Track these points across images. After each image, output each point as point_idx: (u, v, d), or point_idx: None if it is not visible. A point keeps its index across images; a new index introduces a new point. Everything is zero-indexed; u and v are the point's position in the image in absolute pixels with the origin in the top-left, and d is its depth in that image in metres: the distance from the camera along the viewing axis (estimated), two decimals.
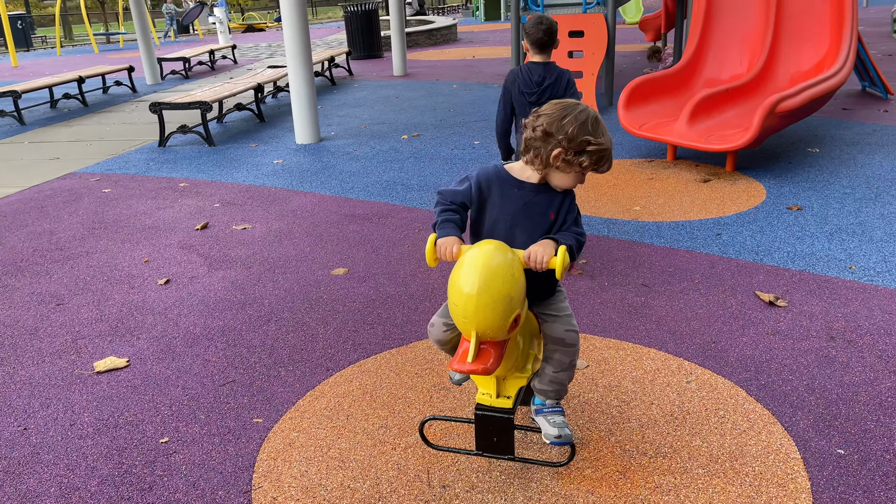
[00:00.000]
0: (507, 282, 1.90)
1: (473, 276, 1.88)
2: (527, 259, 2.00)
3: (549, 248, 1.99)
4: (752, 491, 2.23)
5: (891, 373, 2.81)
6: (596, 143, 2.01)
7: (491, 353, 1.97)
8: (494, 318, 1.89)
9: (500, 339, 1.98)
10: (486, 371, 1.95)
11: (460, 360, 1.97)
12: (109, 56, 20.57)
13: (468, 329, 1.93)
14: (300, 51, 7.23)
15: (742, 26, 6.91)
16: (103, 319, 3.65)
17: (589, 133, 2.00)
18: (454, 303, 1.93)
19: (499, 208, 2.14)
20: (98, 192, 6.07)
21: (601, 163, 2.05)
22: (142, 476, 2.44)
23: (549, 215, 2.12)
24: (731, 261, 3.98)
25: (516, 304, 1.92)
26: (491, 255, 1.93)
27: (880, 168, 5.52)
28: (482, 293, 1.87)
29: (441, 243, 2.06)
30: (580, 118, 2.00)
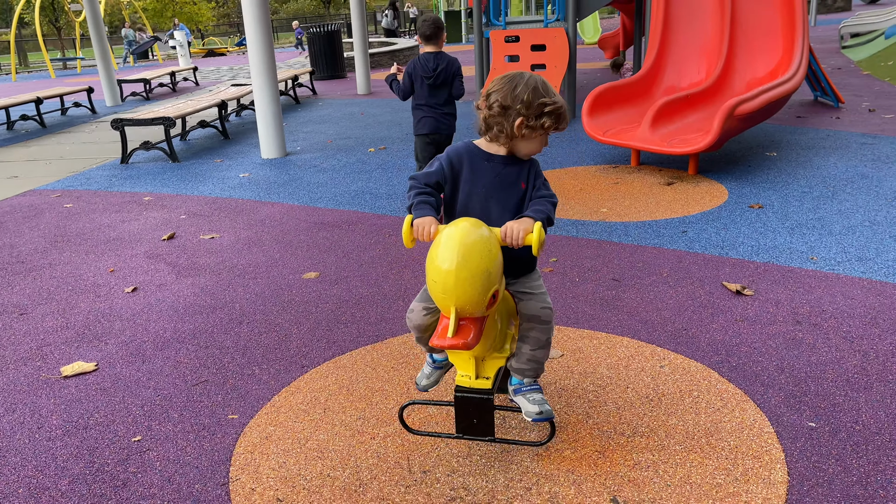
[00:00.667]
0: (485, 257, 1.92)
1: (451, 253, 1.90)
2: (503, 235, 2.02)
3: (525, 224, 2.02)
4: (728, 464, 2.26)
5: (856, 352, 2.89)
6: (552, 102, 2.08)
7: (471, 329, 1.98)
8: (473, 293, 1.91)
9: (479, 315, 1.99)
10: (467, 346, 1.95)
11: (440, 335, 1.98)
12: (67, 80, 20.27)
13: (447, 305, 1.94)
14: (264, 64, 7.23)
15: (699, 37, 7.11)
16: (69, 327, 3.57)
17: (542, 95, 2.07)
18: (433, 280, 1.94)
19: (471, 183, 2.18)
20: (59, 208, 5.95)
21: (560, 121, 2.12)
22: (115, 473, 2.38)
23: (520, 185, 2.17)
24: (697, 255, 4.06)
25: (494, 279, 1.94)
26: (468, 231, 1.95)
27: (835, 169, 5.70)
28: (461, 268, 1.88)
29: (418, 223, 2.07)
30: (530, 84, 2.08)
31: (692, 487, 2.16)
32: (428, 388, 2.49)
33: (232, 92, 10.06)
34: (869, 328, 3.08)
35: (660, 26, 7.14)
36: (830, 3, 28.60)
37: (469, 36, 28.13)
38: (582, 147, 7.17)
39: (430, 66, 4.88)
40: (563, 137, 7.73)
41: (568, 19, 8.58)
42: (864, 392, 2.61)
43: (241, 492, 2.26)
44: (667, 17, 7.18)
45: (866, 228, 4.31)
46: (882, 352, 2.88)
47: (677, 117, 6.14)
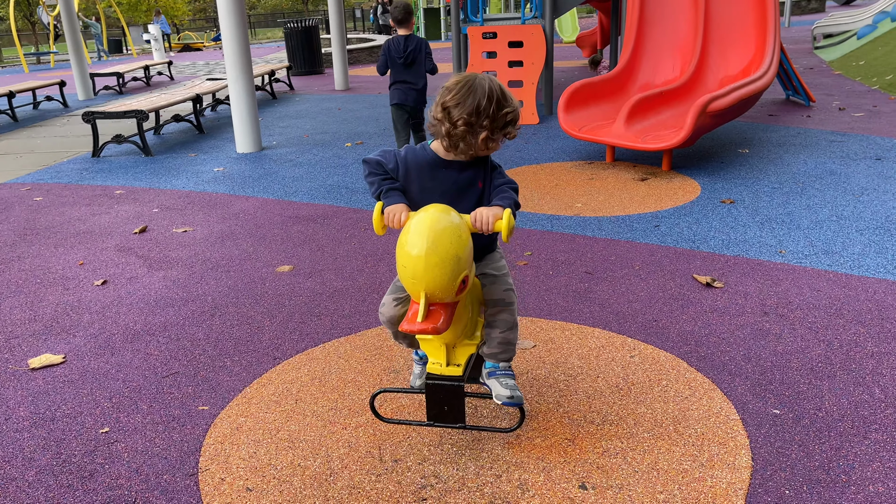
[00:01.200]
0: (455, 242, 1.93)
1: (421, 238, 1.91)
2: (473, 221, 2.03)
3: (494, 210, 2.03)
4: (694, 450, 2.30)
5: (820, 342, 2.95)
6: (512, 109, 2.08)
7: (440, 314, 1.99)
8: (443, 278, 1.92)
9: (449, 300, 2.00)
10: (436, 330, 1.96)
11: (410, 320, 1.99)
12: (40, 75, 19.95)
13: (417, 290, 1.95)
14: (240, 58, 7.17)
15: (673, 35, 7.19)
16: (37, 319, 3.52)
17: (504, 105, 2.06)
18: (403, 265, 1.95)
19: (430, 189, 2.18)
20: (29, 201, 5.86)
21: (517, 122, 2.12)
22: (82, 465, 2.35)
23: (477, 185, 2.19)
24: (669, 249, 4.11)
25: (464, 264, 1.95)
26: (438, 217, 1.96)
27: (805, 165, 5.79)
28: (430, 253, 1.89)
29: (389, 210, 2.08)
30: (492, 95, 2.03)
31: (659, 473, 2.19)
32: (422, 386, 2.47)
33: (207, 86, 9.97)
34: (834, 319, 3.14)
35: (635, 24, 7.20)
36: (804, 5, 29.00)
37: (448, 33, 28.13)
38: (558, 143, 7.21)
39: (401, 48, 5.74)
40: (539, 133, 7.77)
41: (545, 16, 8.62)
42: (827, 380, 2.66)
43: (210, 482, 2.25)
44: (642, 15, 7.25)
45: (833, 223, 4.38)
46: (846, 342, 2.94)
47: (651, 114, 6.20)
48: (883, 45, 11.85)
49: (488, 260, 2.26)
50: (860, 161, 5.81)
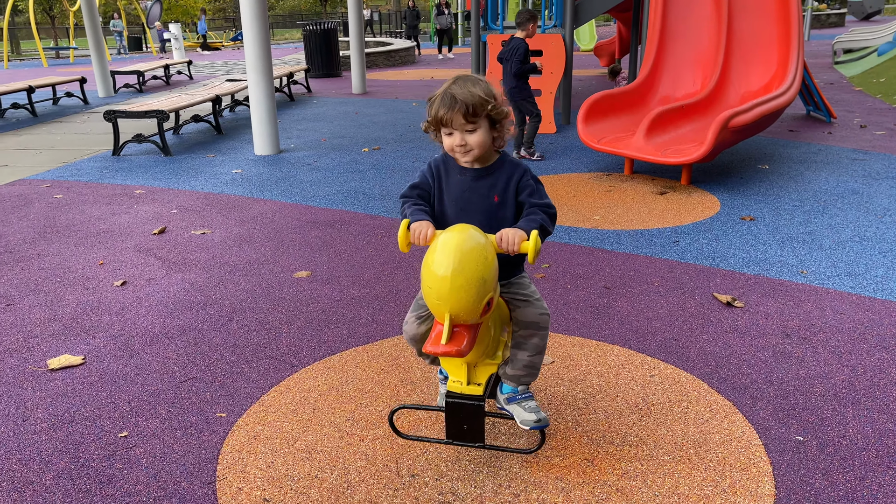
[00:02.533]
0: (481, 264, 1.91)
1: (447, 259, 1.89)
2: (499, 242, 2.01)
3: (521, 232, 2.01)
4: (716, 475, 2.27)
5: (844, 367, 2.91)
6: (432, 99, 2.10)
7: (464, 336, 1.97)
8: (468, 300, 1.90)
9: (473, 322, 1.99)
10: (460, 353, 1.95)
11: (434, 342, 1.97)
12: (59, 70, 20.13)
13: (441, 311, 1.93)
14: (261, 61, 7.20)
15: (695, 48, 7.15)
16: (56, 319, 3.54)
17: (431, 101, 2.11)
18: (428, 285, 1.93)
19: (446, 196, 2.19)
20: (49, 198, 5.90)
21: (441, 106, 2.09)
22: (100, 469, 2.36)
23: (492, 198, 2.15)
24: (688, 265, 4.08)
25: (489, 286, 1.93)
26: (465, 238, 1.94)
27: (826, 183, 5.75)
28: (456, 275, 1.87)
29: (415, 227, 2.06)
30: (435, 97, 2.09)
31: (680, 498, 2.17)
32: (441, 408, 2.46)
33: (226, 87, 10.02)
34: (857, 343, 3.10)
35: (657, 36, 7.17)
36: (824, 19, 28.85)
37: (466, 39, 28.16)
38: (576, 153, 7.19)
39: (504, 47, 6.79)
40: (556, 143, 7.75)
41: (565, 26, 8.61)
42: (851, 407, 2.62)
43: (227, 491, 2.25)
44: (664, 26, 7.22)
45: (856, 244, 4.34)
46: (870, 367, 2.90)
47: (672, 127, 6.17)
48: None
49: (517, 284, 2.23)
50: (882, 181, 5.75)
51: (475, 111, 2.02)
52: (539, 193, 2.15)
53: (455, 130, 2.06)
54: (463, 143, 2.06)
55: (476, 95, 2.02)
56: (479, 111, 2.02)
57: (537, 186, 2.16)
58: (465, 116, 2.02)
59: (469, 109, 2.01)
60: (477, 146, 2.07)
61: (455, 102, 2.01)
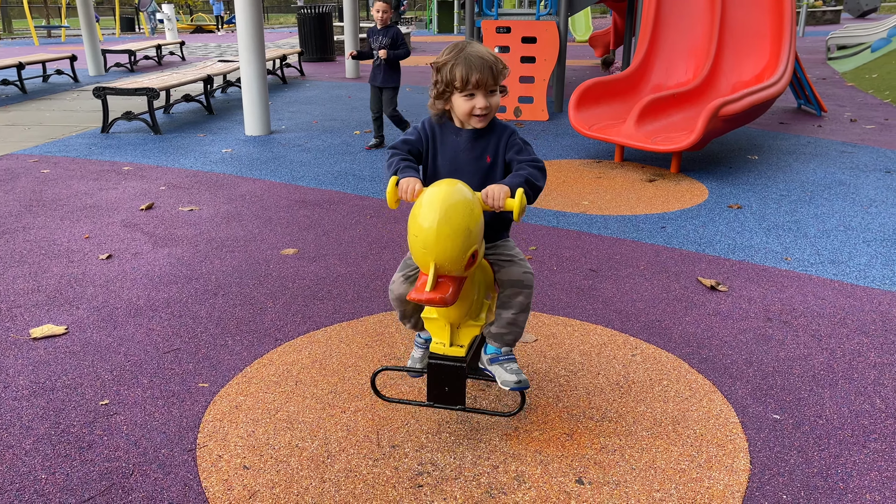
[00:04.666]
0: (467, 215, 1.93)
1: (434, 209, 1.91)
2: (485, 198, 2.03)
3: (506, 188, 2.03)
4: (693, 451, 2.29)
5: (823, 349, 2.94)
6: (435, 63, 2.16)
7: (449, 286, 1.99)
8: (453, 250, 1.91)
9: (458, 273, 2.00)
10: (444, 301, 1.95)
11: (418, 289, 1.98)
12: (51, 48, 19.94)
13: (427, 260, 1.95)
14: (253, 41, 7.16)
15: (688, 38, 7.16)
16: (40, 290, 3.53)
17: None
18: (414, 234, 1.95)
19: (440, 154, 2.23)
20: (36, 172, 5.86)
21: (455, 68, 2.12)
22: (80, 435, 2.36)
23: (485, 159, 2.19)
24: (674, 250, 4.10)
25: (474, 238, 1.95)
26: (451, 190, 1.96)
27: (814, 175, 5.78)
28: (442, 224, 1.89)
29: (403, 183, 2.07)
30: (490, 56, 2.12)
31: (656, 472, 2.19)
32: (423, 371, 2.47)
33: (219, 67, 9.96)
34: (837, 328, 3.13)
35: (650, 25, 7.17)
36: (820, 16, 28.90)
37: (461, 26, 28.06)
38: (566, 140, 7.19)
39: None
40: (548, 130, 7.75)
41: (560, 14, 8.59)
42: (829, 388, 2.65)
43: (207, 458, 2.25)
44: (658, 16, 7.22)
45: (840, 233, 4.37)
46: (849, 351, 2.93)
47: (663, 115, 6.18)
48: None
49: (502, 246, 2.26)
50: (870, 173, 5.79)
51: (496, 73, 2.08)
52: (526, 151, 2.19)
53: (478, 93, 2.08)
54: (486, 106, 2.10)
55: (497, 59, 2.09)
56: (498, 74, 2.09)
57: (524, 145, 2.20)
58: (494, 78, 2.07)
59: (494, 72, 2.07)
60: (494, 109, 2.13)
61: (485, 65, 2.05)
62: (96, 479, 2.15)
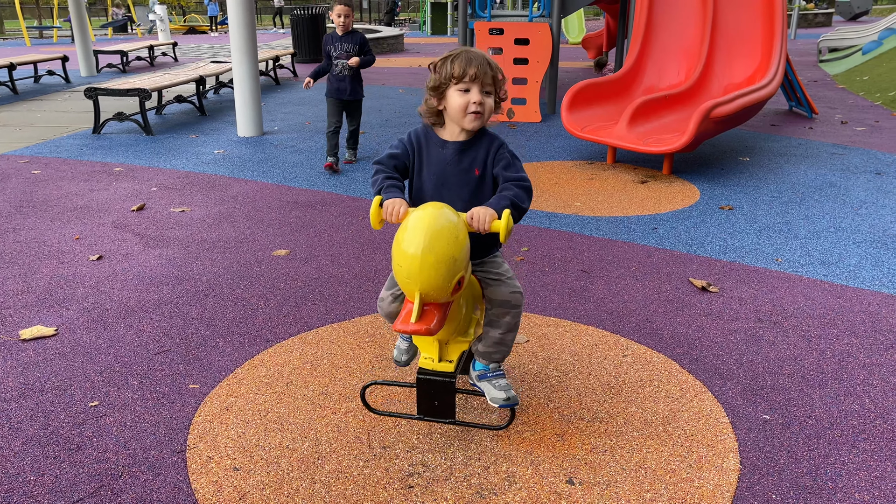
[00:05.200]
0: (452, 243, 1.89)
1: (418, 237, 1.87)
2: (470, 220, 2.00)
3: (492, 210, 2.00)
4: (683, 451, 2.30)
5: (813, 350, 2.95)
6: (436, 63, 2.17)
7: (434, 314, 1.96)
8: (438, 279, 1.88)
9: (444, 300, 1.98)
10: (429, 331, 1.93)
11: (403, 320, 1.95)
12: (42, 49, 19.85)
13: (412, 289, 1.92)
14: (245, 42, 7.14)
15: (680, 40, 7.18)
16: (30, 291, 3.51)
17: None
18: (398, 263, 1.91)
19: (426, 168, 2.19)
20: (27, 173, 5.83)
21: (455, 63, 2.13)
22: (69, 437, 2.34)
23: (473, 171, 2.16)
24: (666, 252, 4.11)
25: (460, 265, 1.92)
26: (436, 216, 1.92)
27: (805, 176, 5.80)
28: (426, 253, 1.85)
29: (388, 205, 2.04)
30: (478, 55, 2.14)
31: (647, 472, 2.19)
32: (409, 362, 2.48)
33: (211, 68, 9.93)
34: (827, 328, 3.15)
35: (643, 27, 7.19)
36: (811, 18, 29.04)
37: (454, 28, 28.08)
38: (559, 142, 7.20)
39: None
40: (541, 131, 7.76)
41: (553, 15, 8.60)
42: (818, 389, 2.66)
43: (197, 459, 2.25)
44: (650, 18, 7.24)
45: (831, 234, 4.39)
46: (838, 351, 2.94)
47: (654, 117, 6.20)
48: (887, 62, 11.87)
49: (490, 263, 2.23)
50: (860, 175, 5.82)
51: (494, 74, 2.10)
52: (514, 167, 2.14)
53: (474, 87, 2.07)
54: (481, 101, 2.08)
55: (495, 63, 2.11)
56: (496, 76, 2.11)
57: (513, 160, 2.16)
58: (491, 76, 2.08)
59: (492, 69, 2.09)
60: (488, 111, 2.12)
61: (485, 62, 2.08)
62: (85, 480, 2.14)
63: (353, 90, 6.04)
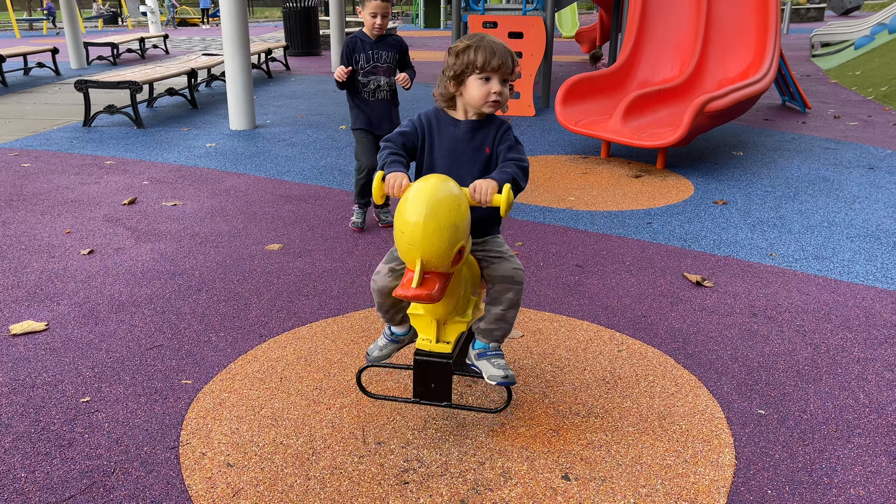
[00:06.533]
0: (453, 211, 1.91)
1: (420, 205, 1.89)
2: (472, 192, 2.02)
3: (493, 183, 2.02)
4: (678, 446, 2.30)
5: (807, 345, 2.96)
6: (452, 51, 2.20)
7: (435, 282, 1.96)
8: (440, 246, 1.90)
9: (444, 270, 1.98)
10: (430, 297, 1.93)
11: (405, 286, 1.96)
12: (32, 41, 19.68)
13: (413, 256, 1.93)
14: (237, 35, 7.09)
15: (674, 34, 7.17)
16: (20, 286, 3.47)
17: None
18: (400, 230, 1.93)
19: (438, 146, 2.22)
20: (16, 167, 5.77)
21: (475, 54, 2.16)
22: (60, 433, 2.32)
23: (484, 150, 2.21)
24: (660, 246, 4.10)
25: (461, 233, 1.94)
26: (438, 186, 1.95)
27: (798, 171, 5.81)
28: (429, 220, 1.88)
29: (390, 178, 2.06)
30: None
31: (642, 467, 2.19)
32: (378, 360, 2.45)
33: (203, 61, 9.86)
34: (822, 323, 3.15)
35: (636, 21, 7.18)
36: (804, 13, 29.09)
37: (448, 22, 27.99)
38: (553, 136, 7.19)
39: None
40: (534, 126, 7.75)
41: (546, 9, 8.58)
42: (813, 383, 2.67)
43: (191, 455, 2.23)
44: (644, 12, 7.23)
45: (824, 229, 4.40)
46: (833, 346, 2.95)
47: (649, 111, 6.19)
48: (879, 57, 11.90)
49: (491, 242, 2.25)
50: (853, 169, 5.83)
51: (514, 64, 2.15)
52: (517, 150, 2.20)
53: (495, 78, 2.12)
54: (500, 91, 2.13)
55: (514, 54, 2.17)
56: (514, 66, 2.16)
57: (516, 144, 2.21)
58: (511, 67, 2.13)
59: (513, 61, 2.14)
60: (505, 99, 2.17)
61: (506, 53, 2.12)
62: (77, 477, 2.12)
63: (392, 118, 4.24)
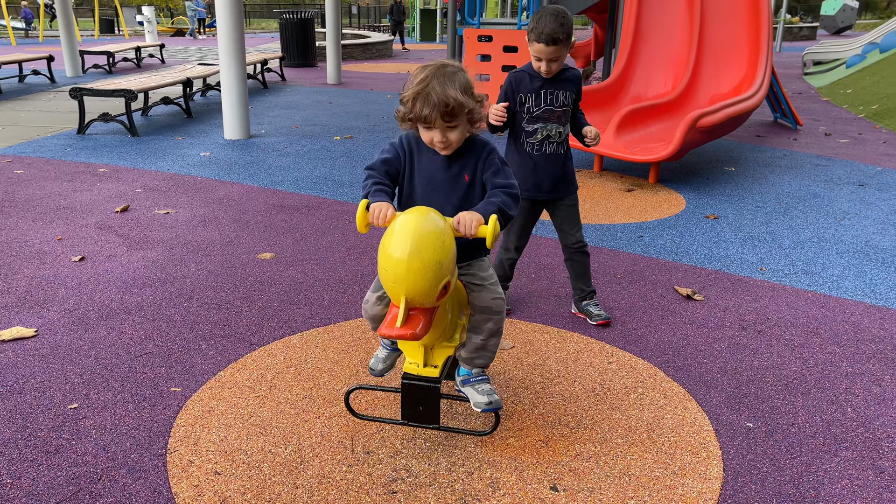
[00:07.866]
0: (438, 248, 1.88)
1: (404, 241, 1.86)
2: (456, 225, 2.00)
3: (478, 215, 2.00)
4: (667, 458, 2.30)
5: (796, 359, 2.97)
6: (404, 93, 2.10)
7: (420, 319, 1.94)
8: (424, 284, 1.87)
9: (429, 305, 1.97)
10: (415, 336, 1.92)
11: (389, 324, 1.94)
12: (28, 48, 19.69)
13: (398, 294, 1.90)
14: (233, 45, 7.11)
15: (667, 50, 7.24)
16: (10, 292, 3.46)
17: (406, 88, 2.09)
18: (384, 267, 1.90)
19: (417, 173, 2.18)
20: (9, 173, 5.76)
21: (417, 103, 2.05)
22: (47, 440, 2.31)
23: (463, 177, 2.16)
24: (651, 259, 4.12)
25: (446, 270, 1.91)
26: (422, 221, 1.91)
27: (789, 187, 5.86)
28: (413, 258, 1.85)
29: (374, 208, 2.03)
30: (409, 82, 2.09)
31: (630, 479, 2.19)
32: (384, 372, 2.45)
33: (198, 70, 9.88)
34: (810, 337, 3.17)
35: (630, 36, 7.24)
36: (796, 32, 29.39)
37: (443, 35, 28.15)
38: None
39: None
40: None
41: None
42: (801, 397, 2.68)
43: (178, 463, 2.22)
44: (637, 27, 7.29)
45: (814, 244, 4.43)
46: (821, 360, 2.96)
47: (641, 126, 6.23)
48: (871, 75, 12.03)
49: (476, 267, 2.23)
50: (843, 186, 5.88)
51: (455, 112, 2.01)
52: (503, 173, 2.14)
53: (435, 128, 2.04)
54: (443, 140, 2.07)
55: (457, 99, 1.99)
56: (458, 113, 2.02)
57: (502, 167, 2.16)
58: (445, 117, 2.01)
59: (450, 111, 2.00)
60: (456, 142, 2.10)
61: (437, 105, 1.98)
62: (63, 483, 2.10)
63: (566, 177, 3.29)
